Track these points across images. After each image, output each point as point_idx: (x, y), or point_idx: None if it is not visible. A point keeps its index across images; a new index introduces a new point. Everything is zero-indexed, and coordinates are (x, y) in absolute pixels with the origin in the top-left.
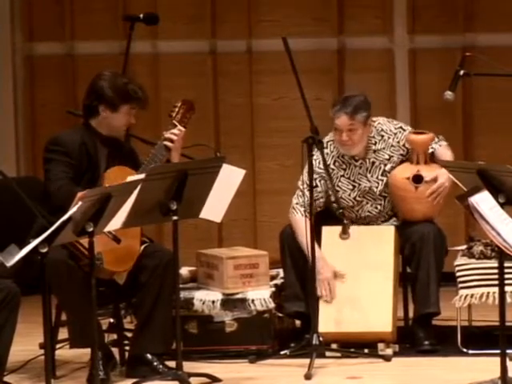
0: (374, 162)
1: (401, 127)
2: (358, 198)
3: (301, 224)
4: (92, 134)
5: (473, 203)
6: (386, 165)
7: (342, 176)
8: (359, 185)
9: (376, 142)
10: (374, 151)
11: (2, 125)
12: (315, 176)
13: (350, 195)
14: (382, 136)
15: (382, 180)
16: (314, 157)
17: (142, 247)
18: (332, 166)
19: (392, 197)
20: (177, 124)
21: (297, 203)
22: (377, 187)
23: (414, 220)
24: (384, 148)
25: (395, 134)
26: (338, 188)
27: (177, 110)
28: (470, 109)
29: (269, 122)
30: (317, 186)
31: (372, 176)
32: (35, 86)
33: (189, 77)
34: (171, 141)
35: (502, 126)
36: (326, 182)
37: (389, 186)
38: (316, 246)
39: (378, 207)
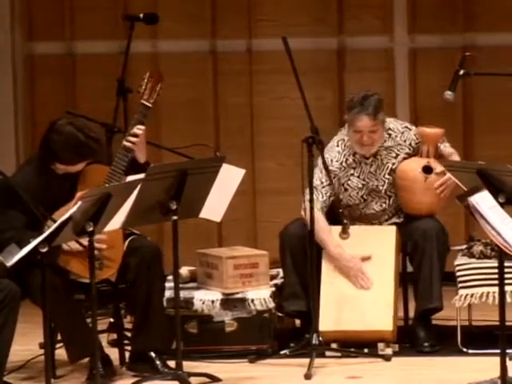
0: (383, 160)
1: (406, 126)
2: (365, 197)
3: (319, 219)
4: (49, 173)
5: (473, 203)
6: (393, 163)
7: (352, 175)
8: (368, 183)
9: (385, 140)
10: (385, 148)
11: (2, 124)
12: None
13: (358, 193)
14: (390, 134)
15: (388, 179)
16: (327, 155)
17: (127, 242)
18: (344, 165)
19: (399, 189)
20: (145, 103)
21: (319, 191)
22: (383, 185)
23: (418, 213)
24: (392, 146)
25: (402, 132)
26: (347, 186)
27: (144, 85)
28: (470, 109)
29: (269, 122)
30: (331, 183)
31: (380, 174)
32: (35, 85)
33: (189, 76)
34: (131, 142)
35: (502, 125)
36: (338, 180)
37: (396, 179)
38: (335, 241)
39: (383, 205)
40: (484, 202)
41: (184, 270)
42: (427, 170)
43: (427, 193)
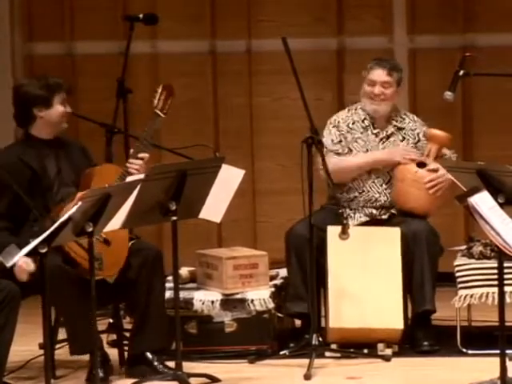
0: (389, 136)
1: (424, 124)
2: None
3: (340, 161)
4: (34, 143)
5: (472, 203)
6: (398, 145)
7: (359, 138)
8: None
9: (398, 120)
10: (394, 126)
11: (2, 125)
12: (338, 134)
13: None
14: (404, 118)
15: None
16: (334, 117)
17: (129, 244)
18: (351, 126)
19: (393, 177)
20: (159, 113)
21: (331, 150)
22: None
23: (406, 208)
24: (403, 129)
25: (415, 121)
26: (352, 147)
27: (158, 96)
28: (469, 109)
29: (268, 122)
30: (341, 141)
31: (384, 148)
32: None
33: (188, 77)
34: (136, 167)
35: (501, 126)
36: (346, 139)
37: (394, 169)
38: (369, 154)
39: (381, 182)
40: (484, 202)
41: (184, 271)
42: (421, 165)
43: (415, 184)
